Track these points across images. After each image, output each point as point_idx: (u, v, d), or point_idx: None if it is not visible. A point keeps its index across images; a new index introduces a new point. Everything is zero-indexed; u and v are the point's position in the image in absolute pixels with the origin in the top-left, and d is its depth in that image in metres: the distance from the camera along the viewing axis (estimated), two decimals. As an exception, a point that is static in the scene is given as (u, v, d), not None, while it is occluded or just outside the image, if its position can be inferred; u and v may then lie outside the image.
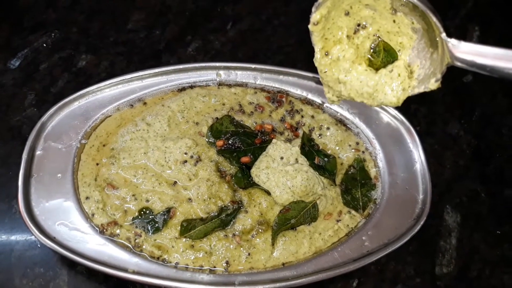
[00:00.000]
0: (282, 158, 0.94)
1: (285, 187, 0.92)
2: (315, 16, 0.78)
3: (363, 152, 1.03)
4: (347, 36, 0.81)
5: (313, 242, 0.93)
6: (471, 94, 1.26)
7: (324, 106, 1.08)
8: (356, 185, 0.99)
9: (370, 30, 0.79)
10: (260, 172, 0.94)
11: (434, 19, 0.70)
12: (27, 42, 1.22)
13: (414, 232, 0.92)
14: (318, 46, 0.82)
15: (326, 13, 0.78)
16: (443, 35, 0.69)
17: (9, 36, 1.23)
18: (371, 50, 0.81)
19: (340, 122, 1.06)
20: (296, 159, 0.95)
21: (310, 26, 0.79)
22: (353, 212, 0.96)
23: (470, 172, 1.12)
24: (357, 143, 1.04)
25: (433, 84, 0.74)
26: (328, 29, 0.80)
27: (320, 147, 1.02)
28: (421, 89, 0.77)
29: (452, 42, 0.68)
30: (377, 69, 0.81)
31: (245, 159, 0.96)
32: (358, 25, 0.80)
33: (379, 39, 0.80)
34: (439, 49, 0.73)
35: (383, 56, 0.80)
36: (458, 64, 0.69)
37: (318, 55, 0.82)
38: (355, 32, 0.80)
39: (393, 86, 0.80)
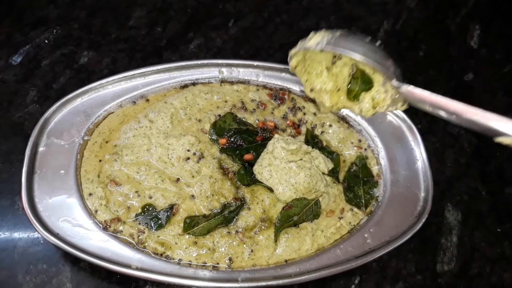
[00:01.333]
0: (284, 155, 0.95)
1: (288, 184, 0.93)
2: (292, 64, 0.86)
3: (365, 149, 1.04)
4: (327, 68, 0.85)
5: (316, 239, 0.93)
6: (471, 92, 1.26)
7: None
8: (358, 182, 0.99)
9: (346, 60, 0.83)
10: (263, 169, 0.94)
11: (382, 70, 0.77)
12: (29, 38, 1.22)
13: (416, 230, 0.92)
14: (303, 79, 0.88)
15: (302, 57, 0.85)
16: (393, 81, 0.78)
17: (11, 32, 1.23)
18: (350, 76, 0.84)
19: (343, 119, 1.07)
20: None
21: (290, 70, 0.87)
22: (355, 209, 0.97)
23: (470, 170, 1.12)
24: (360, 141, 1.04)
25: (401, 107, 0.80)
26: (309, 65, 0.86)
27: (324, 144, 1.03)
28: (393, 109, 0.83)
29: (400, 88, 0.77)
30: (355, 96, 0.85)
31: (248, 157, 0.96)
32: (334, 56, 0.83)
33: (355, 67, 0.83)
34: None
35: (360, 83, 0.84)
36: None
37: (304, 89, 0.89)
38: (333, 63, 0.84)
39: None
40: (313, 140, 1.01)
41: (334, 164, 1.00)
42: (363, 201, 0.98)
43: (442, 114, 0.72)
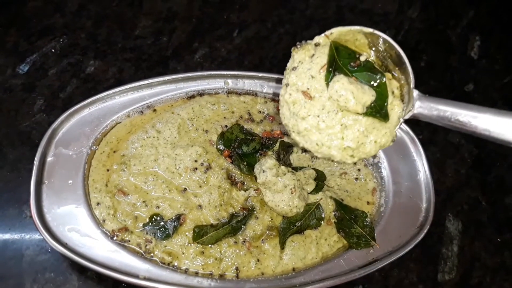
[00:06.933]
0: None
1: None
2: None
3: (365, 165, 1.06)
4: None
5: (320, 247, 0.94)
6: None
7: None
8: (350, 224, 0.97)
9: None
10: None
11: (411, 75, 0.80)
12: (35, 47, 1.23)
13: (418, 240, 0.94)
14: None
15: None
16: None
17: (17, 41, 1.24)
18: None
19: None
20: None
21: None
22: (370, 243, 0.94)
23: (471, 180, 1.14)
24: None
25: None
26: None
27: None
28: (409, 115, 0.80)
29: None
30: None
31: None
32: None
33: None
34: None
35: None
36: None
37: None
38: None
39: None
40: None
41: (380, 98, 0.77)
42: (367, 236, 0.94)
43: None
